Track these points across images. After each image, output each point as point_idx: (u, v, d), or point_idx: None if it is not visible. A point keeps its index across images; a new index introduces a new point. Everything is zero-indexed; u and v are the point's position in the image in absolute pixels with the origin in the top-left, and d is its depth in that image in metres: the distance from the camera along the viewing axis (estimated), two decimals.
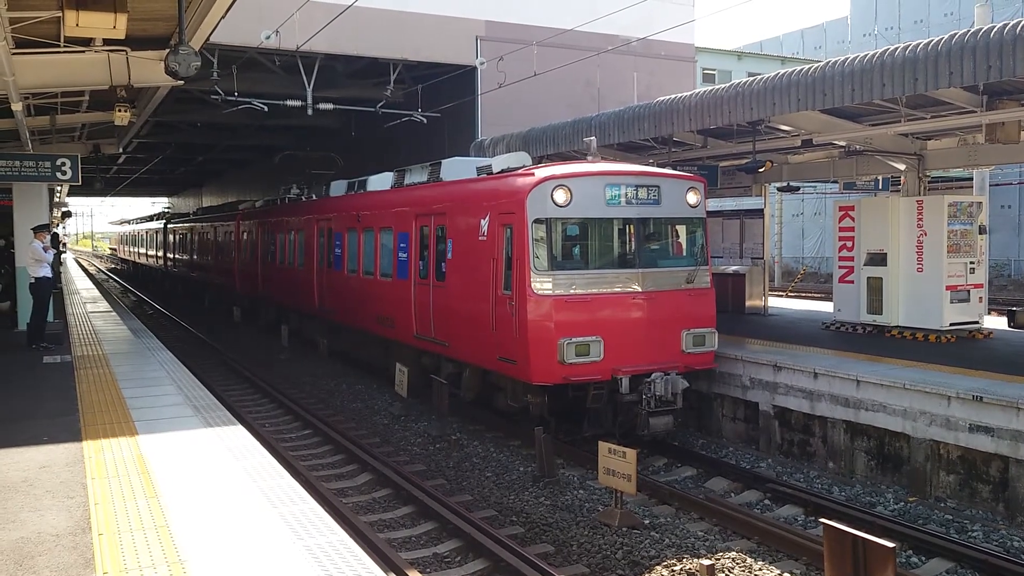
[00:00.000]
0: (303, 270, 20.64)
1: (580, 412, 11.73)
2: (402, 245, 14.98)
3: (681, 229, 12.43)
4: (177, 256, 38.98)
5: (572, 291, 11.17)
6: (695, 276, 12.02)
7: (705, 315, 12.07)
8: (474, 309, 12.25)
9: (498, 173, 12.81)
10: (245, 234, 26.81)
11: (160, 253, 43.90)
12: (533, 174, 11.54)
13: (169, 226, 41.69)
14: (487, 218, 12.00)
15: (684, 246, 12.42)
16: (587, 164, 12.23)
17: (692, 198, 12.16)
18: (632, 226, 11.72)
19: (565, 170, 11.69)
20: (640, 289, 11.55)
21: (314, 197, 21.74)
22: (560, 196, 11.16)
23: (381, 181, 17.48)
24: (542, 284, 11.06)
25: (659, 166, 14.87)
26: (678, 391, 11.37)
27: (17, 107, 11.43)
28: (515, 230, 11.32)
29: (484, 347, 12.03)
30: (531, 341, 10.97)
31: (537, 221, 11.13)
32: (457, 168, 14.65)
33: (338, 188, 19.86)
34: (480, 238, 12.14)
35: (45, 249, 14.80)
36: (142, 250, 52.27)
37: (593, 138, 13.30)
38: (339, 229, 18.36)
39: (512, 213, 11.42)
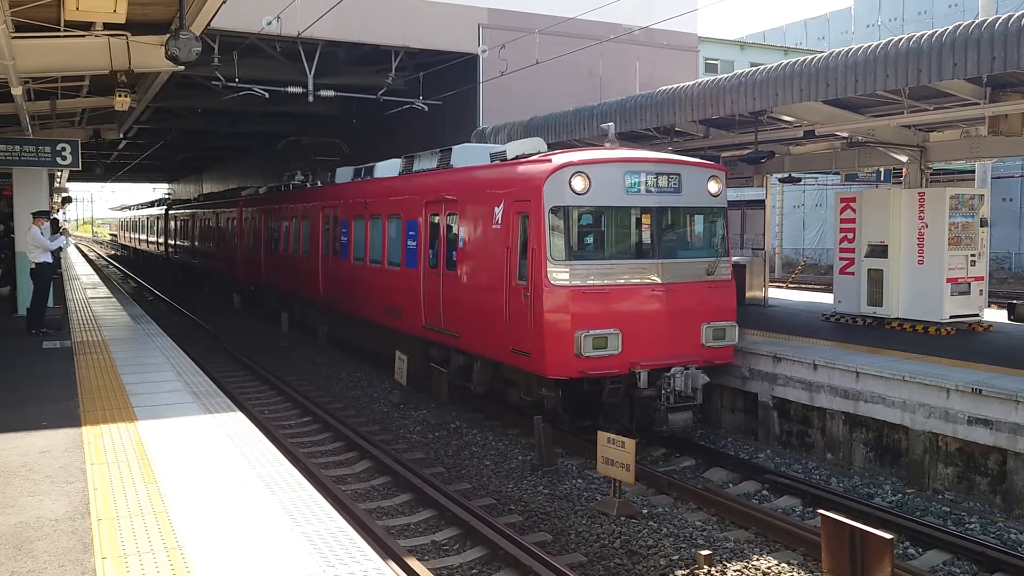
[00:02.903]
0: (307, 258, 20.27)
1: (595, 407, 11.43)
2: (411, 233, 14.54)
3: (701, 219, 12.07)
4: (178, 242, 38.70)
5: (589, 282, 10.85)
6: (715, 268, 11.71)
7: (725, 308, 11.76)
8: (486, 300, 11.92)
9: (512, 159, 12.44)
10: (248, 221, 26.44)
11: (161, 239, 43.61)
12: (550, 160, 11.15)
13: (170, 212, 41.36)
14: (501, 206, 11.62)
15: (704, 236, 12.09)
16: (605, 151, 11.85)
17: (713, 187, 11.80)
18: (652, 215, 11.35)
19: (583, 156, 11.29)
20: (659, 280, 11.22)
21: (319, 184, 21.30)
22: (578, 183, 10.77)
23: (389, 167, 17.11)
24: (559, 274, 10.71)
25: None
26: (698, 386, 11.05)
27: (17, 91, 11.39)
28: (531, 218, 10.98)
29: (497, 339, 11.70)
30: (547, 333, 10.65)
31: (554, 209, 10.77)
32: (468, 154, 14.29)
33: (344, 175, 19.50)
34: (494, 226, 11.78)
35: (54, 236, 14.82)
36: (143, 236, 51.97)
37: (611, 124, 12.84)
38: (345, 216, 17.93)
39: (528, 201, 11.06)
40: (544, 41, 21.17)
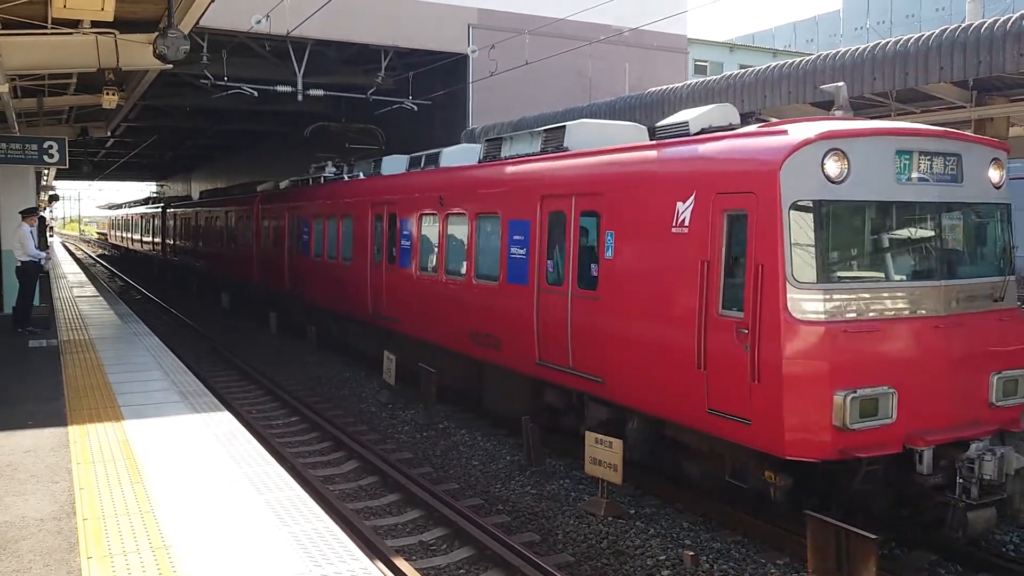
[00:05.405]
0: (349, 266, 16.80)
1: (832, 493, 7.82)
2: (516, 238, 11.09)
3: (983, 220, 8.58)
4: (179, 243, 35.78)
5: (852, 316, 7.41)
6: (1003, 291, 8.25)
7: (1018, 349, 8.21)
8: (658, 335, 8.61)
9: (697, 135, 9.04)
10: (266, 220, 23.00)
11: (158, 239, 40.91)
12: (786, 132, 7.67)
13: (169, 210, 38.51)
14: (690, 201, 8.30)
15: (987, 246, 8.63)
16: (856, 121, 8.52)
17: (994, 174, 8.36)
18: (932, 215, 7.98)
19: (837, 127, 7.77)
20: (942, 311, 7.76)
21: (359, 175, 18.21)
22: (833, 167, 7.37)
23: (462, 154, 14.18)
24: (808, 304, 7.28)
25: None
26: (1011, 472, 7.35)
27: (3, 88, 11.32)
28: (754, 219, 7.56)
29: (677, 392, 8.33)
30: (787, 393, 7.20)
31: (798, 206, 7.36)
32: (591, 133, 10.97)
33: (394, 165, 16.51)
34: (674, 230, 8.43)
35: (37, 246, 14.81)
36: (137, 236, 49.29)
37: (842, 83, 9.34)
38: (407, 215, 14.40)
39: (748, 193, 7.66)
40: (534, 42, 21.20)
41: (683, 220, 8.36)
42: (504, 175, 11.89)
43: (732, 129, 8.70)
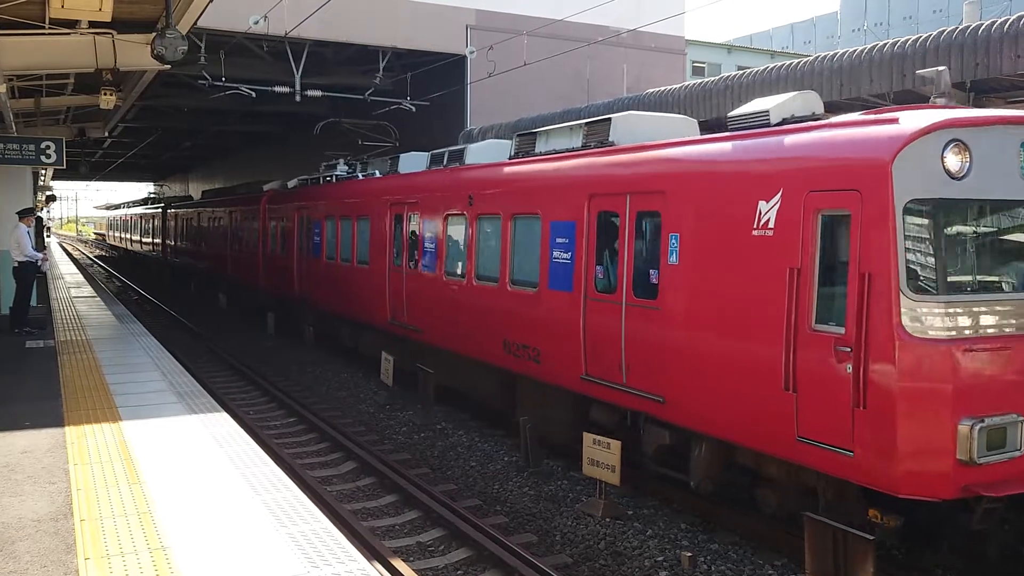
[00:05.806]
0: (366, 270, 15.81)
1: (943, 533, 7.18)
2: (560, 241, 10.15)
3: None
4: (180, 244, 35.10)
5: (976, 332, 6.51)
6: None
7: None
8: (736, 350, 7.61)
9: (778, 125, 7.98)
10: (274, 221, 22.03)
11: (158, 240, 40.24)
12: (897, 120, 6.68)
13: (170, 210, 37.70)
14: (776, 199, 7.35)
15: None
16: (967, 109, 7.70)
17: None
18: None
19: (956, 115, 6.79)
20: None
21: (376, 174, 17.36)
22: (954, 160, 6.48)
23: (489, 150, 13.30)
24: (927, 319, 6.35)
25: None
26: None
27: (1, 89, 11.32)
28: (860, 221, 6.61)
29: (759, 416, 7.41)
30: (903, 421, 6.30)
31: (914, 205, 6.44)
32: (639, 126, 10.13)
33: (414, 162, 15.66)
34: (755, 233, 7.46)
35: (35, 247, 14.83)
36: (136, 237, 48.64)
37: (944, 67, 8.20)
38: (431, 215, 13.42)
39: (852, 191, 6.70)
40: (532, 43, 21.23)
41: (767, 222, 7.38)
42: (544, 172, 10.90)
43: (817, 119, 7.80)
